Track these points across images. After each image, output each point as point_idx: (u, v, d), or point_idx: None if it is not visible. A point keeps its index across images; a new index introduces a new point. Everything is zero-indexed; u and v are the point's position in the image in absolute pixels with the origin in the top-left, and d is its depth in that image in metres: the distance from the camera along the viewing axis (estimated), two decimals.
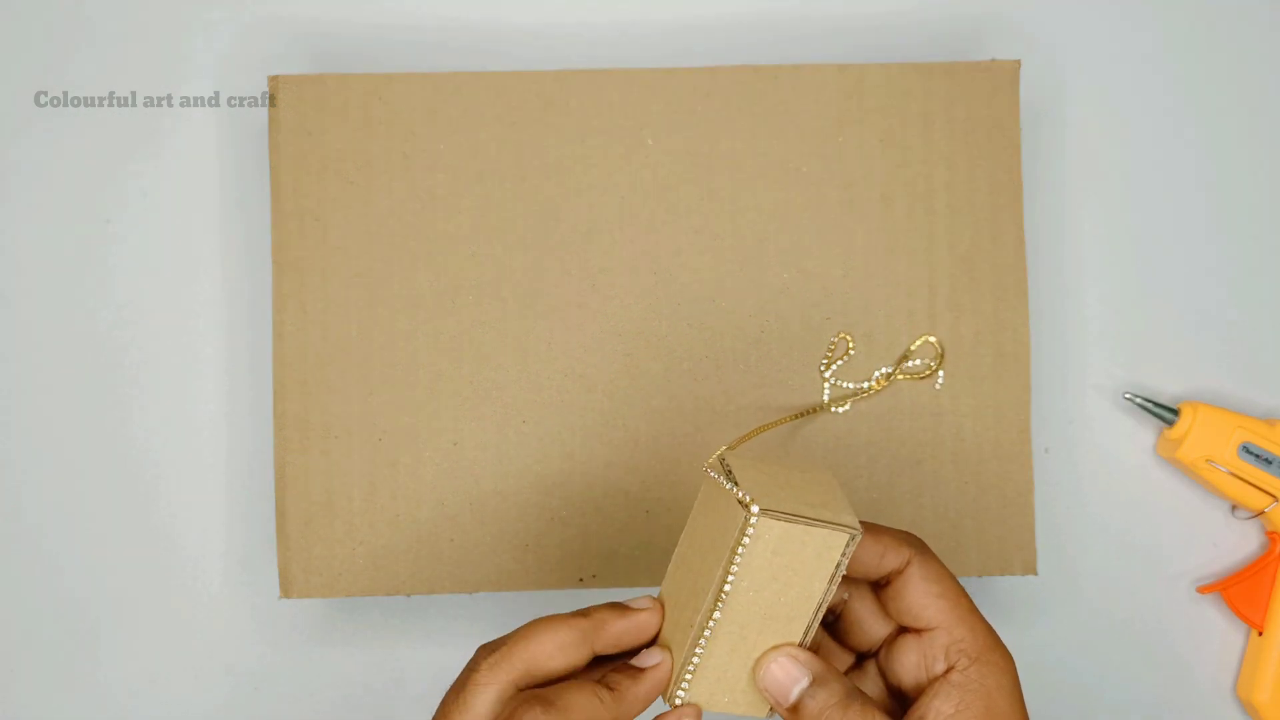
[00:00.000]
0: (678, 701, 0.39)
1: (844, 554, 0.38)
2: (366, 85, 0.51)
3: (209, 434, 0.55)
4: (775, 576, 0.38)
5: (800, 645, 0.39)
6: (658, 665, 0.40)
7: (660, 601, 0.41)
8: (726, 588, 0.38)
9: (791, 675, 0.39)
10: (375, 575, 0.51)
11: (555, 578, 0.51)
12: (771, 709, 0.40)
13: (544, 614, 0.55)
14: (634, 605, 0.41)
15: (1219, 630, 0.56)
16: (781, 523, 0.37)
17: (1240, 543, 0.56)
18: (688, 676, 0.39)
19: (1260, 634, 0.54)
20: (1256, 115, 0.57)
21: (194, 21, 0.56)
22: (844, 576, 0.39)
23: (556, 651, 0.39)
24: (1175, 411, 0.54)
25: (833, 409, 0.51)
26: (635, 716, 0.39)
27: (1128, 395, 0.55)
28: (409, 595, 0.52)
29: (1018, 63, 0.52)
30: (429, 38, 0.56)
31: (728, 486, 0.38)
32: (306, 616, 0.55)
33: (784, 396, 0.52)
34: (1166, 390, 0.56)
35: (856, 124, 0.52)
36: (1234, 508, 0.56)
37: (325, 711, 0.55)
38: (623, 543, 0.51)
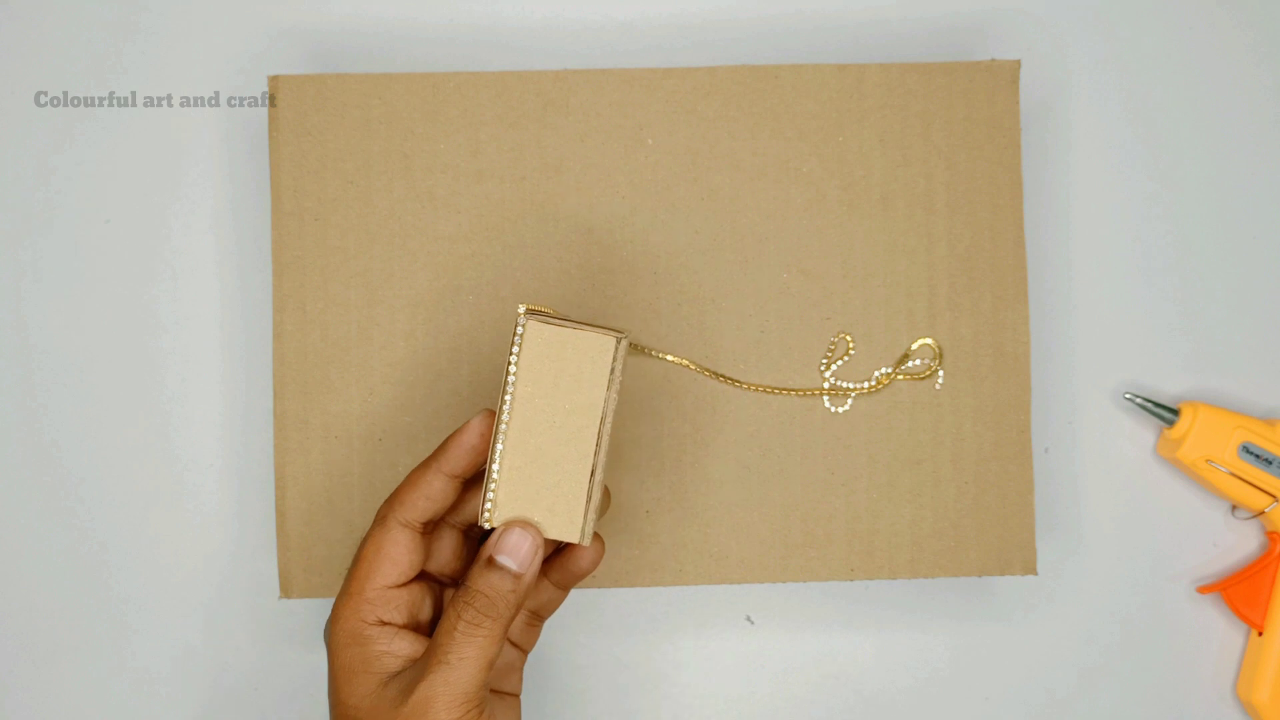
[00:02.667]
0: (485, 521, 0.41)
1: (615, 357, 0.41)
2: (366, 85, 0.51)
3: (209, 434, 0.55)
4: (555, 383, 0.41)
5: (592, 458, 0.41)
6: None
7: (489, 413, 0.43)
8: (507, 396, 0.41)
9: (530, 545, 0.41)
10: None
11: None
12: (588, 529, 0.41)
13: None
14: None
15: (1219, 630, 0.56)
16: (550, 326, 0.41)
17: (1240, 543, 0.56)
18: (490, 494, 0.41)
19: (1260, 634, 0.54)
20: (1256, 115, 0.57)
21: (194, 21, 0.56)
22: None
23: (424, 499, 0.42)
24: (1175, 412, 0.54)
25: (832, 408, 0.51)
26: (512, 597, 0.41)
27: (1128, 395, 0.55)
28: None
29: (1018, 62, 0.52)
30: (429, 38, 0.56)
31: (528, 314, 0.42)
32: (306, 616, 0.55)
33: (784, 396, 0.52)
34: (1167, 390, 0.56)
35: (856, 124, 0.52)
36: (1234, 508, 0.56)
37: (325, 711, 0.55)
38: (623, 543, 0.51)
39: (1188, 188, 0.57)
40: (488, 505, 0.41)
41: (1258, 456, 0.53)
